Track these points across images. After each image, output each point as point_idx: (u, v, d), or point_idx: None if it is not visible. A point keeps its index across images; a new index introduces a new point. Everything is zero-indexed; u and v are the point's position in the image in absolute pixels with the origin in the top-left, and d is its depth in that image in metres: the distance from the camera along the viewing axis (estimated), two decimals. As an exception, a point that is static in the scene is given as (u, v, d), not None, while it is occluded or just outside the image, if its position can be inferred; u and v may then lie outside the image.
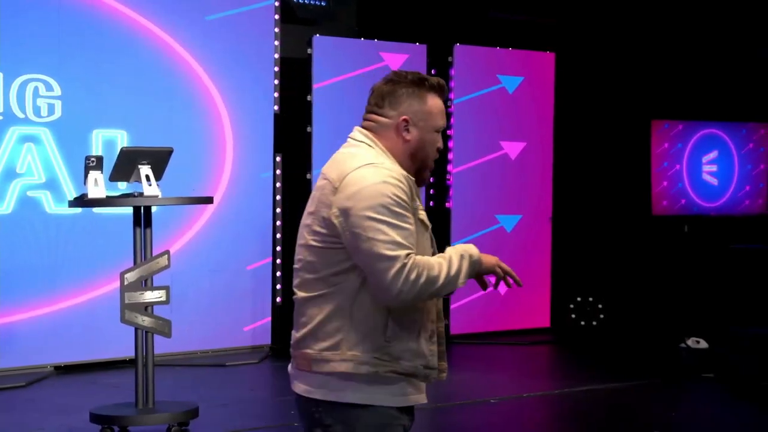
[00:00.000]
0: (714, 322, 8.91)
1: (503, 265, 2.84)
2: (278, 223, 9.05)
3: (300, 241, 2.82)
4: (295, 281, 2.83)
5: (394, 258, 2.63)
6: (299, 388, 2.80)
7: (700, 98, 11.11)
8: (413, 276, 2.64)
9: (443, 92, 2.87)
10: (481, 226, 9.88)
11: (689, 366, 7.97)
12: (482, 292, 8.81)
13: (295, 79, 9.17)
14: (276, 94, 9.00)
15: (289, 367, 2.90)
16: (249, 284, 8.87)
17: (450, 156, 9.78)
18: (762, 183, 11.16)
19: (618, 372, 8.10)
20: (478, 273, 2.80)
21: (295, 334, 2.82)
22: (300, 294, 2.79)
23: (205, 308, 8.61)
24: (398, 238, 2.65)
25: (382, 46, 9.42)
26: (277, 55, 9.01)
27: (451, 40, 9.90)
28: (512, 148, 10.07)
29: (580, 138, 10.63)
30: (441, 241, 3.07)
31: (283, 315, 9.04)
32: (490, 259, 2.81)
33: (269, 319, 8.92)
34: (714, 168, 11.02)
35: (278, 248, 9.05)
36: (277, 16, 9.01)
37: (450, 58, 9.87)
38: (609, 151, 10.67)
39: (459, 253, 2.75)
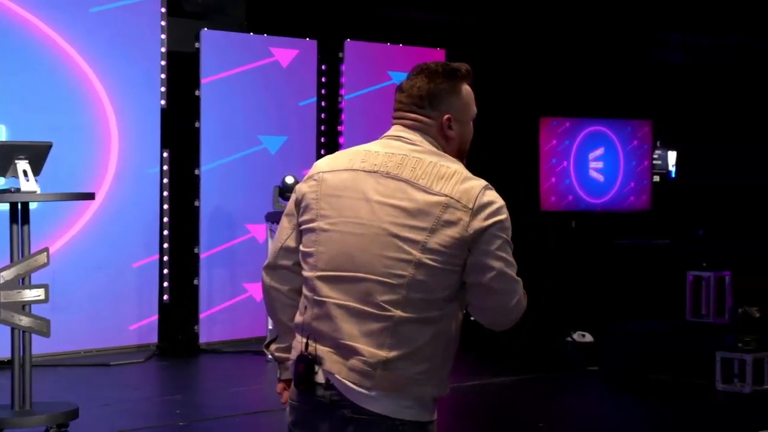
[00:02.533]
0: (599, 316, 9.06)
1: None
2: (165, 219, 8.91)
3: (393, 253, 2.55)
4: (389, 297, 2.55)
5: (519, 283, 2.65)
6: (379, 407, 2.58)
7: (586, 96, 11.31)
8: (525, 302, 2.67)
9: (471, 77, 2.78)
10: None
11: (574, 359, 8.11)
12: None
13: (182, 74, 9.03)
14: (163, 89, 8.85)
15: (347, 382, 2.56)
16: (134, 282, 8.70)
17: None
18: (646, 180, 11.42)
19: (504, 367, 8.16)
20: None
21: (381, 353, 2.54)
22: (398, 313, 2.55)
23: (89, 307, 8.42)
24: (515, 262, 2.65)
25: (272, 41, 9.34)
26: (163, 49, 8.87)
27: (342, 36, 9.88)
28: (402, 145, 10.08)
29: (469, 134, 10.69)
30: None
31: (170, 313, 8.91)
32: None
33: (156, 317, 8.76)
34: (600, 165, 11.22)
35: (165, 245, 8.91)
36: (163, 9, 8.86)
37: (340, 54, 9.86)
38: (498, 147, 10.77)
39: None
